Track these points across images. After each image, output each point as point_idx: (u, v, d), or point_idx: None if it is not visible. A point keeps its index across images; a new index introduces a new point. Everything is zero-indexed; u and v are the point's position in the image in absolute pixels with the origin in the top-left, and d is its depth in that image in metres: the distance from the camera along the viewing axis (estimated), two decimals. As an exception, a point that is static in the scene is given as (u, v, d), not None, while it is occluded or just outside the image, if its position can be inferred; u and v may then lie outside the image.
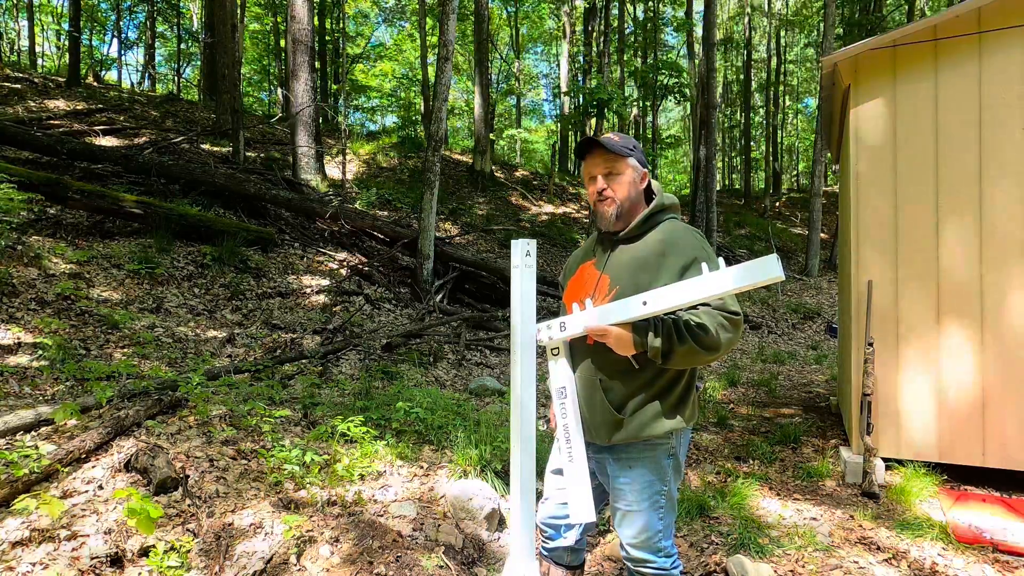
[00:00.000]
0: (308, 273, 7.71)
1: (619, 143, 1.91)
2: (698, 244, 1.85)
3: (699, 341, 1.72)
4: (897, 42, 4.02)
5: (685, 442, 2.01)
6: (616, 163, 1.91)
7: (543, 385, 6.18)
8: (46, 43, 23.37)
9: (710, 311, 1.75)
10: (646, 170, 1.96)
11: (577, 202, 16.52)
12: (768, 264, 1.50)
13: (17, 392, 3.94)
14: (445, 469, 3.68)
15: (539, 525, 2.21)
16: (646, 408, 1.87)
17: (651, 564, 1.96)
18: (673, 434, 1.91)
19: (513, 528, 2.56)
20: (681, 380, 1.90)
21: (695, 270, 1.74)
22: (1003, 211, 3.79)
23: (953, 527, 3.24)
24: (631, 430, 1.88)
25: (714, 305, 1.76)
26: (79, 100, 12.10)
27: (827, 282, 14.49)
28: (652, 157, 23.37)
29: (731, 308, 1.76)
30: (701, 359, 1.77)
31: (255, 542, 2.73)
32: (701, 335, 1.73)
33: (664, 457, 1.92)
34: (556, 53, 26.34)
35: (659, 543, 1.95)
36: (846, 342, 4.68)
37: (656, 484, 1.93)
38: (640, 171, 1.95)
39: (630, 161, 1.92)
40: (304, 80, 10.01)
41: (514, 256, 2.56)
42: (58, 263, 5.81)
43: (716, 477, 4.06)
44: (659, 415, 1.87)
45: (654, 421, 1.87)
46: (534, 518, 2.39)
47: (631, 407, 1.88)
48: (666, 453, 1.92)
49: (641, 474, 1.92)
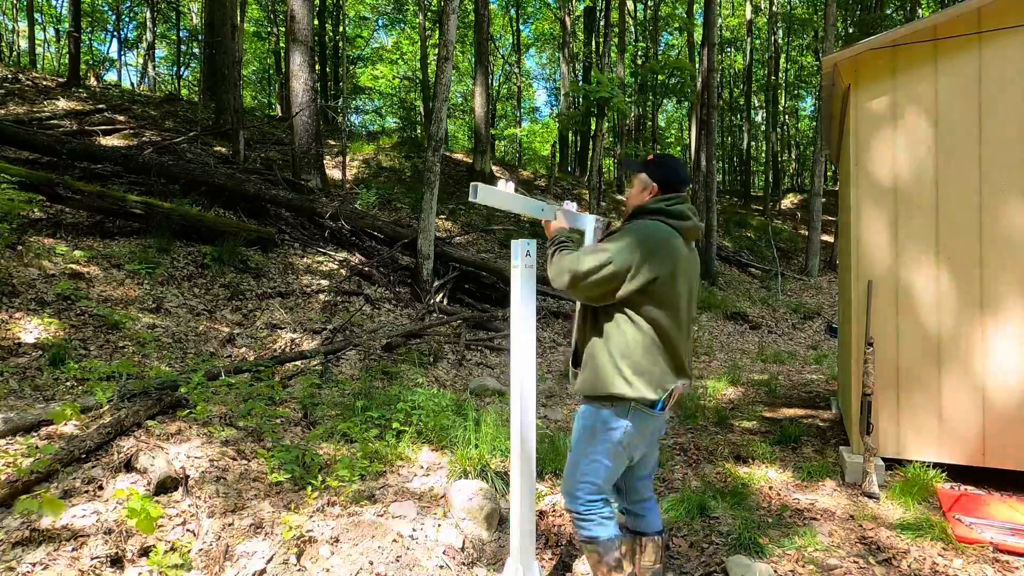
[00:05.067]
0: (308, 273, 7.71)
1: (636, 162, 2.45)
2: (625, 232, 2.24)
3: (552, 256, 2.32)
4: (897, 42, 4.02)
5: (631, 419, 2.22)
6: (631, 176, 2.46)
7: (543, 385, 6.18)
8: (46, 43, 23.38)
9: (574, 256, 2.23)
10: (654, 184, 2.34)
11: (579, 203, 16.52)
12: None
13: (17, 392, 3.94)
14: (445, 469, 3.68)
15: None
16: (585, 370, 2.28)
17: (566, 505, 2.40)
18: (607, 400, 2.22)
19: (513, 528, 2.56)
20: (608, 354, 2.22)
21: (609, 239, 2.27)
22: (1003, 211, 3.79)
23: (953, 527, 3.24)
24: (578, 385, 2.32)
25: (579, 254, 2.23)
26: (79, 100, 12.10)
27: (827, 282, 14.49)
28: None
29: (576, 266, 2.19)
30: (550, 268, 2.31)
31: (255, 542, 2.73)
32: (555, 256, 2.31)
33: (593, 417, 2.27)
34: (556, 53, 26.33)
35: (571, 489, 2.32)
36: (846, 342, 4.68)
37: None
38: (648, 184, 2.35)
39: (641, 176, 2.38)
40: (304, 80, 10.01)
41: (514, 256, 2.56)
42: (58, 263, 5.82)
43: (716, 477, 4.06)
44: (592, 380, 2.25)
45: (585, 383, 2.28)
46: (534, 518, 2.39)
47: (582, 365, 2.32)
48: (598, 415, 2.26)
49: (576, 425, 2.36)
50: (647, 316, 2.17)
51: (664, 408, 2.22)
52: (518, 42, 25.75)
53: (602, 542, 2.25)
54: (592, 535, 2.27)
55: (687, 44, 21.03)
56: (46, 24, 22.42)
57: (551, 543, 3.08)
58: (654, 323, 2.18)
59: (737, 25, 26.86)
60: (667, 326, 2.19)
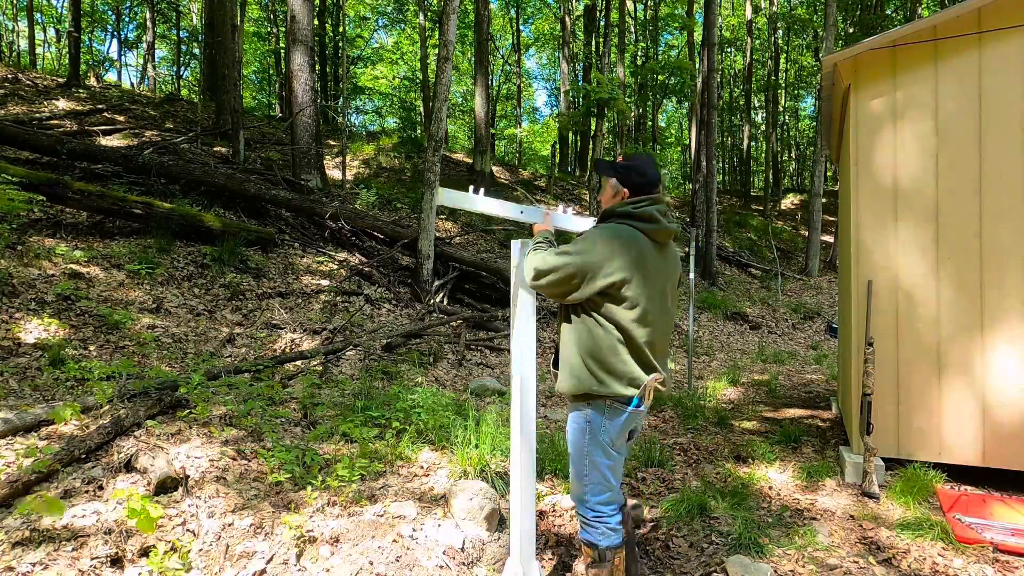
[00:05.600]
0: (308, 273, 7.71)
1: (606, 165, 2.48)
2: (589, 235, 2.31)
3: (527, 255, 2.42)
4: (897, 42, 4.02)
5: (608, 416, 2.30)
6: (604, 181, 2.51)
7: (543, 385, 6.18)
8: (46, 43, 23.38)
9: (541, 255, 2.33)
10: (625, 190, 2.39)
11: (578, 203, 16.52)
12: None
13: (17, 392, 3.94)
14: (445, 469, 3.68)
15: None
16: (562, 370, 2.36)
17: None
18: (584, 400, 2.31)
19: (513, 528, 2.56)
20: (578, 354, 2.29)
21: (573, 241, 2.35)
22: (1004, 210, 3.79)
23: (953, 527, 3.24)
24: (557, 385, 2.39)
25: (546, 253, 2.33)
26: (79, 100, 12.10)
27: (827, 282, 14.49)
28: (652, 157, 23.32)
29: (540, 264, 2.30)
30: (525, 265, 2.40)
31: (255, 542, 2.73)
32: (529, 254, 2.40)
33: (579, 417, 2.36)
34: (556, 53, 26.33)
35: (579, 494, 2.40)
36: (846, 342, 4.68)
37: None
38: (619, 189, 2.41)
39: (611, 181, 2.44)
40: (304, 80, 10.01)
41: (514, 256, 2.57)
42: (58, 263, 5.82)
43: (716, 477, 4.06)
44: (568, 380, 2.33)
45: (563, 383, 2.36)
46: (534, 518, 2.39)
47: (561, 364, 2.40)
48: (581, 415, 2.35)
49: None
50: (610, 317, 2.24)
51: (640, 404, 2.27)
52: (518, 42, 25.76)
53: (600, 550, 2.34)
54: (593, 541, 2.36)
55: (687, 44, 21.01)
56: (46, 24, 22.43)
57: (551, 543, 3.08)
58: (618, 324, 2.23)
59: (737, 25, 26.87)
60: (632, 327, 2.23)
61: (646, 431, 4.92)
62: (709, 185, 13.94)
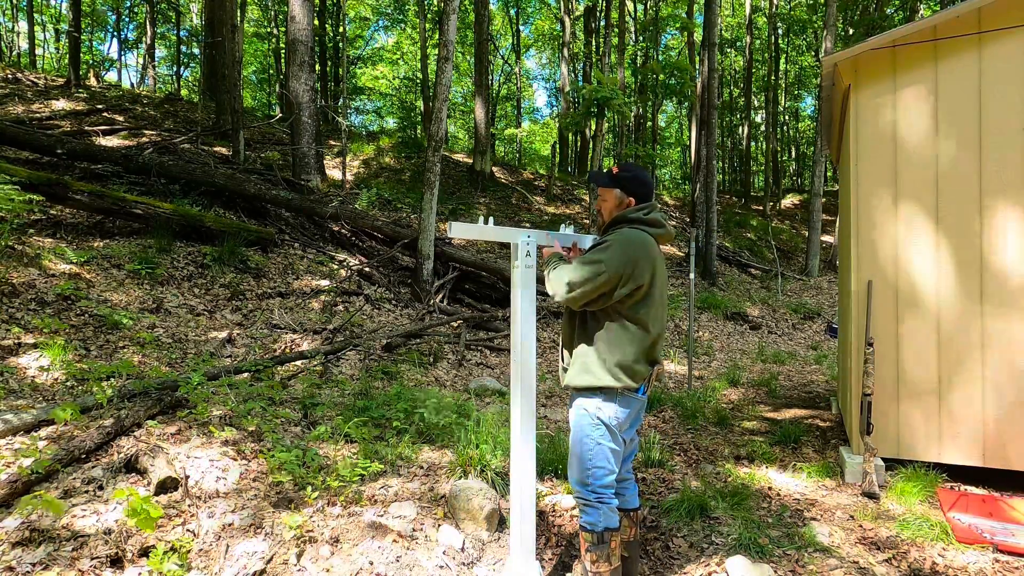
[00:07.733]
0: (308, 273, 7.71)
1: (605, 177, 2.59)
2: (614, 242, 2.41)
3: (549, 273, 2.50)
4: (897, 42, 4.02)
5: (619, 403, 2.44)
6: (604, 191, 2.61)
7: (543, 385, 6.18)
8: (46, 43, 23.38)
9: (570, 267, 2.41)
10: (631, 198, 2.54)
11: (578, 203, 16.52)
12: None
13: (17, 392, 3.94)
14: (445, 469, 3.68)
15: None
16: (575, 366, 2.48)
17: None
18: (598, 390, 2.42)
19: (513, 528, 2.56)
20: (597, 352, 2.42)
21: (592, 250, 2.48)
22: (1004, 210, 3.79)
23: (953, 527, 3.24)
24: (567, 380, 2.52)
25: (574, 265, 2.41)
26: (79, 100, 12.10)
27: (827, 282, 14.49)
28: (652, 157, 23.37)
29: (573, 276, 2.37)
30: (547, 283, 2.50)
31: (255, 542, 2.73)
32: (552, 272, 2.49)
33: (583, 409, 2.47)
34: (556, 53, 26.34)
35: (582, 478, 2.48)
36: (846, 342, 4.68)
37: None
38: (624, 199, 2.55)
39: (615, 192, 2.56)
40: (304, 80, 10.01)
41: (514, 256, 2.57)
42: (58, 263, 5.81)
43: (716, 477, 4.05)
44: (583, 375, 2.45)
45: (577, 377, 2.47)
46: (534, 518, 2.40)
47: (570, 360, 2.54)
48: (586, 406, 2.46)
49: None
50: (633, 317, 2.41)
51: (645, 392, 2.50)
52: (518, 42, 25.75)
53: (599, 532, 2.42)
54: (593, 521, 2.44)
55: (687, 44, 21.00)
56: (46, 24, 22.42)
57: (551, 543, 3.08)
58: (639, 322, 2.41)
59: (737, 25, 26.86)
60: (650, 323, 2.44)
61: (646, 431, 4.92)
62: (709, 185, 13.94)
